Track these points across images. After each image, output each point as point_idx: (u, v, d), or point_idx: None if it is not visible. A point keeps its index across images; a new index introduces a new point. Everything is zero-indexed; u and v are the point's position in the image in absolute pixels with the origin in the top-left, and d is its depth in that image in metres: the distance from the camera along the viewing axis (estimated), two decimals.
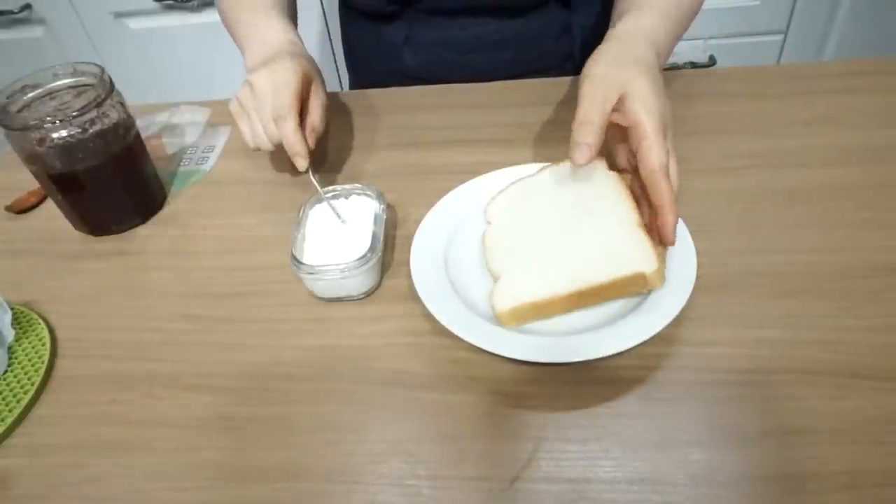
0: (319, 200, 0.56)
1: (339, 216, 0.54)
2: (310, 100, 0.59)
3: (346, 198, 0.56)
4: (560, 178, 0.54)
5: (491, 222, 0.54)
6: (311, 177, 0.56)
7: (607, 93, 0.48)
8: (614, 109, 0.48)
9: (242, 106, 0.58)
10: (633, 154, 0.48)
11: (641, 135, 0.47)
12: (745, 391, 0.42)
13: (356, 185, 0.56)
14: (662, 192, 0.45)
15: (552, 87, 0.71)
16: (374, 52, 0.81)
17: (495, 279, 0.49)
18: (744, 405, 0.41)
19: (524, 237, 0.51)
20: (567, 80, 0.72)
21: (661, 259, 0.45)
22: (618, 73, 0.49)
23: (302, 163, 0.56)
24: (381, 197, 0.55)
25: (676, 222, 0.46)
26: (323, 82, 0.61)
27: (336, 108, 0.74)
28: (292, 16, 0.70)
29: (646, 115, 0.47)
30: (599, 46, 0.53)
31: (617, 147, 0.52)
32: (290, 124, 0.55)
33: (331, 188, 0.56)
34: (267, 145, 0.58)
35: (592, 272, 0.45)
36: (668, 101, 0.50)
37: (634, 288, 0.45)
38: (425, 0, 0.73)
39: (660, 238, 0.46)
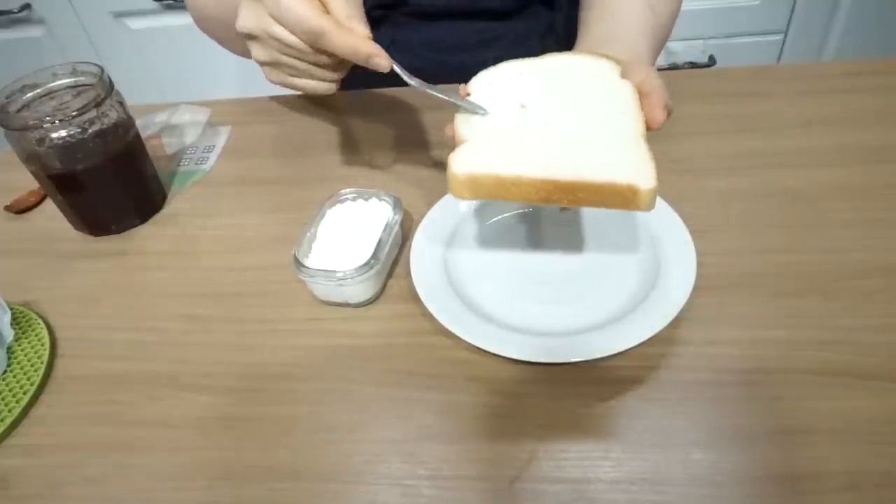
0: (339, 201, 0.54)
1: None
2: None
3: (366, 200, 0.54)
4: (564, 67, 0.48)
5: (471, 93, 0.47)
6: (397, 70, 0.48)
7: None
8: None
9: (260, 43, 0.47)
10: None
11: None
12: (745, 391, 0.42)
13: (378, 190, 0.54)
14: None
15: None
16: None
17: (459, 144, 0.43)
18: (744, 405, 0.41)
19: (507, 108, 0.45)
20: None
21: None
22: None
23: (384, 63, 0.46)
24: (397, 206, 0.53)
25: None
26: None
27: (331, 110, 0.74)
28: None
29: None
30: None
31: None
32: (334, 35, 0.44)
33: (350, 189, 0.55)
34: (329, 76, 0.48)
35: (578, 166, 0.40)
36: None
37: (621, 202, 0.40)
38: (410, 3, 0.73)
39: None
